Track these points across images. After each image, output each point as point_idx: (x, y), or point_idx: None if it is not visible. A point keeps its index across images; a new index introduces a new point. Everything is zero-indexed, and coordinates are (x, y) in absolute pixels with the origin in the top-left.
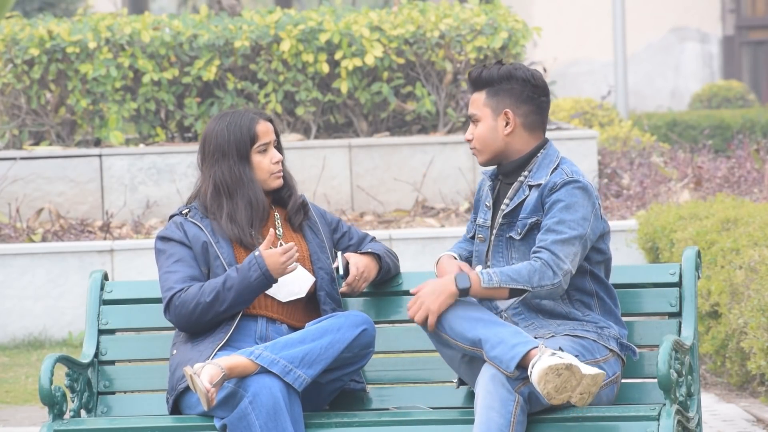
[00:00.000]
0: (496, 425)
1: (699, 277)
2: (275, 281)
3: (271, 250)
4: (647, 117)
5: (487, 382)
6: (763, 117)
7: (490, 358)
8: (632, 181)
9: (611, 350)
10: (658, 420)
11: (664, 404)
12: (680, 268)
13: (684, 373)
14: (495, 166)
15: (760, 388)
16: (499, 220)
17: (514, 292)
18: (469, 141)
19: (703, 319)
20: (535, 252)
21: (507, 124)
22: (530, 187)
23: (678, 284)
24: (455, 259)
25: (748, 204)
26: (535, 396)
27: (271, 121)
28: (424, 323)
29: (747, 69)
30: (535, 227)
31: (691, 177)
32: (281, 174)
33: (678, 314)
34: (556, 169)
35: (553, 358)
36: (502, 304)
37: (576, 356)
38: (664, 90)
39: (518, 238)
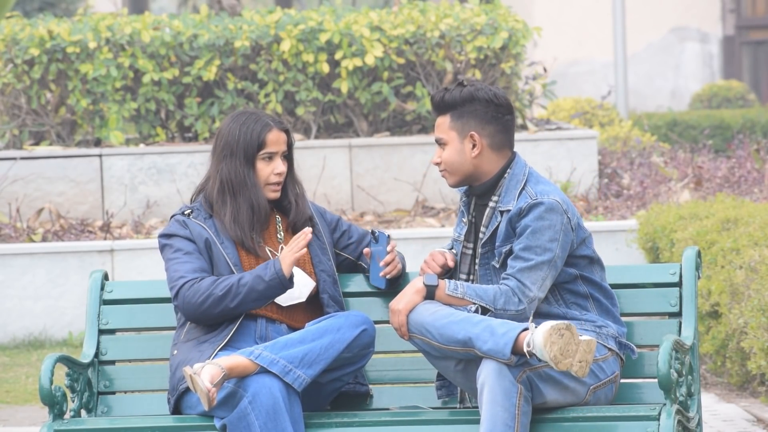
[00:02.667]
0: (501, 420)
1: (699, 277)
2: (289, 283)
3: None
4: (647, 117)
5: (487, 376)
6: (763, 117)
7: (484, 353)
8: (632, 181)
9: (610, 349)
10: (658, 420)
11: (664, 404)
12: (680, 268)
13: (684, 373)
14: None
15: (760, 388)
16: (479, 250)
17: (480, 308)
18: (437, 164)
19: (703, 319)
20: (503, 278)
21: (474, 146)
22: (501, 213)
23: (678, 284)
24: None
25: (748, 204)
26: (536, 384)
27: (287, 131)
28: (401, 328)
29: (747, 69)
30: (509, 254)
31: (691, 177)
32: (278, 188)
33: (678, 314)
34: (522, 190)
35: (551, 322)
36: None
37: None
38: (664, 90)
39: (498, 266)
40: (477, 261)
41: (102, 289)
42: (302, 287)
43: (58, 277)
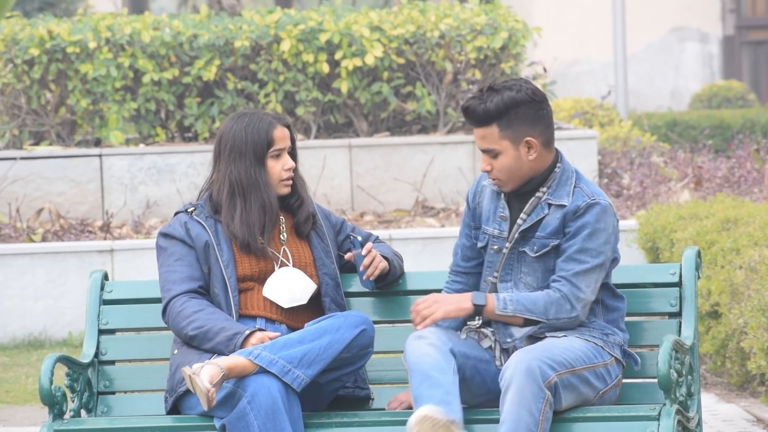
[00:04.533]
0: (525, 425)
1: (699, 277)
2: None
3: (258, 336)
4: (647, 117)
5: (519, 377)
6: (763, 117)
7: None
8: (632, 181)
9: (614, 356)
10: (658, 420)
11: (664, 404)
12: (680, 268)
13: (684, 373)
14: None
15: (760, 388)
16: (515, 234)
17: (529, 321)
18: (487, 171)
19: (703, 319)
20: (555, 281)
21: (529, 149)
22: (550, 205)
23: (678, 284)
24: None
25: (748, 204)
26: (559, 391)
27: (288, 127)
28: (421, 321)
29: (747, 69)
30: (553, 249)
31: (691, 177)
32: (290, 182)
33: (678, 314)
34: (575, 187)
35: (437, 410)
36: (517, 332)
37: (584, 359)
38: (664, 90)
39: (533, 255)
40: (507, 246)
41: (102, 289)
42: (303, 290)
43: (58, 277)
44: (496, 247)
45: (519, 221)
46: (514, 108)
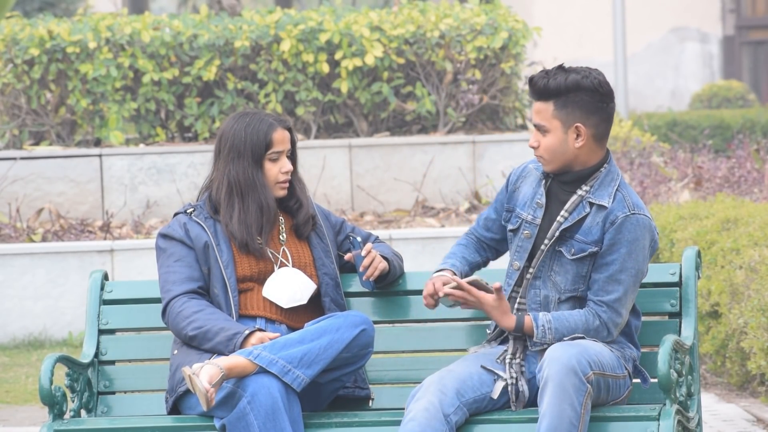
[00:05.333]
0: (568, 418)
1: (699, 277)
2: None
3: (257, 337)
4: (647, 117)
5: (558, 371)
6: (763, 117)
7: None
8: (632, 181)
9: (627, 370)
10: (658, 420)
11: (664, 404)
12: (680, 268)
13: (684, 373)
14: None
15: (760, 388)
16: (555, 233)
17: None
18: (534, 148)
19: (703, 319)
20: (595, 304)
21: (577, 136)
22: (591, 204)
23: (678, 284)
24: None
25: (748, 204)
26: (597, 386)
27: (290, 129)
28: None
29: (747, 69)
30: (590, 256)
31: (691, 177)
32: (286, 185)
33: (678, 314)
34: (617, 191)
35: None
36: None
37: (611, 366)
38: (664, 90)
39: (570, 257)
40: (547, 243)
41: (102, 289)
42: (304, 290)
43: (58, 277)
44: (527, 232)
45: (560, 218)
46: (574, 92)
